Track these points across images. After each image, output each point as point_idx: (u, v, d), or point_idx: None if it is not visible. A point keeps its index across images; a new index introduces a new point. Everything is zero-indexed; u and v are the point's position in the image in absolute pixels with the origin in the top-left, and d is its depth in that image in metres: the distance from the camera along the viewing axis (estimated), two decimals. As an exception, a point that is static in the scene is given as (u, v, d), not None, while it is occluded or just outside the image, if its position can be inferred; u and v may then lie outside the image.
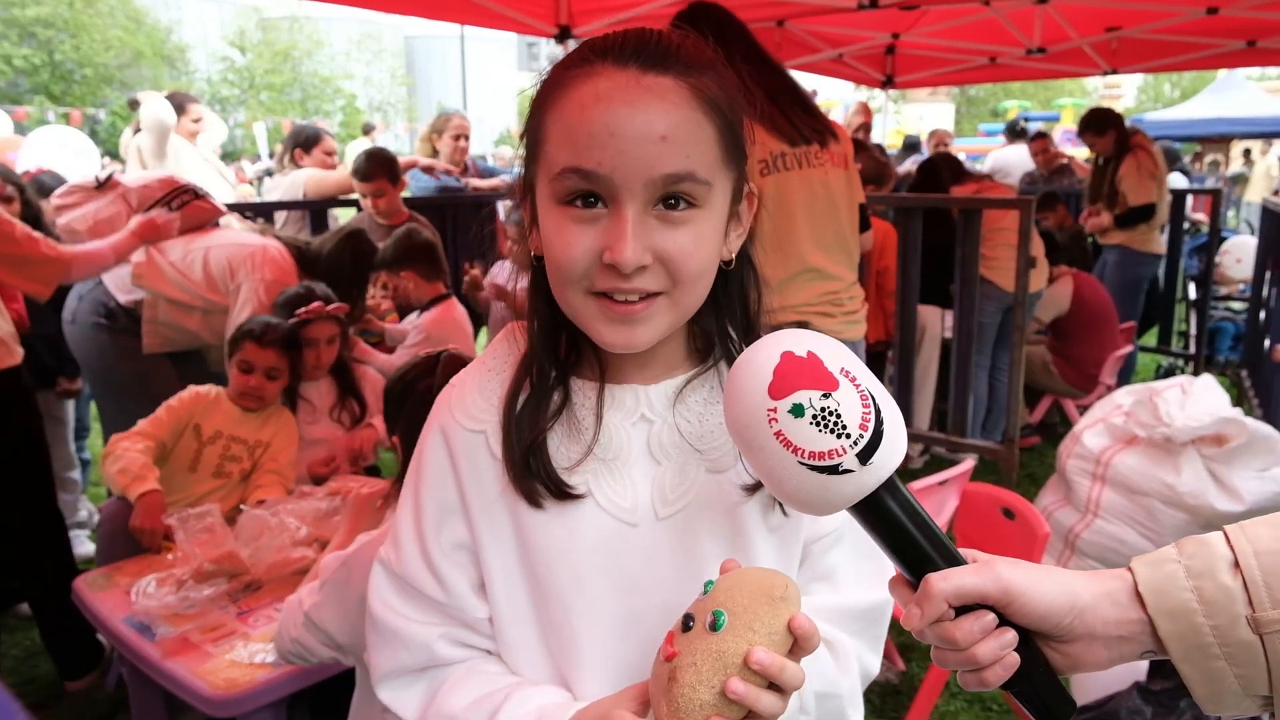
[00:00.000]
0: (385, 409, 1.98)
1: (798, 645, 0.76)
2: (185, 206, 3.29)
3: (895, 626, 0.84)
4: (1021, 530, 2.45)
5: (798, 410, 0.71)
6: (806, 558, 0.97)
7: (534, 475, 0.87)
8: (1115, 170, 5.57)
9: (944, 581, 0.72)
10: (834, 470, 0.71)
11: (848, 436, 0.71)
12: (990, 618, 0.73)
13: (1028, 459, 4.89)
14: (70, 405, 3.88)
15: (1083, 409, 4.83)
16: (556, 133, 0.80)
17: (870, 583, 0.96)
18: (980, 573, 0.72)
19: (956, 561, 0.75)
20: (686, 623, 0.77)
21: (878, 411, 0.72)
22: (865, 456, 0.71)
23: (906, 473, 4.77)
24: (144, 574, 2.27)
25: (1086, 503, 3.37)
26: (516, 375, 0.91)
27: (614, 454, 0.89)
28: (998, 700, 2.84)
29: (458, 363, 1.89)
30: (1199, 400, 3.23)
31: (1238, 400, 5.32)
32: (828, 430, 0.71)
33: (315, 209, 4.65)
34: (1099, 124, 5.63)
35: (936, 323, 4.74)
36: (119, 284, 3.19)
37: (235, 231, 3.47)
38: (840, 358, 0.74)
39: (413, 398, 1.83)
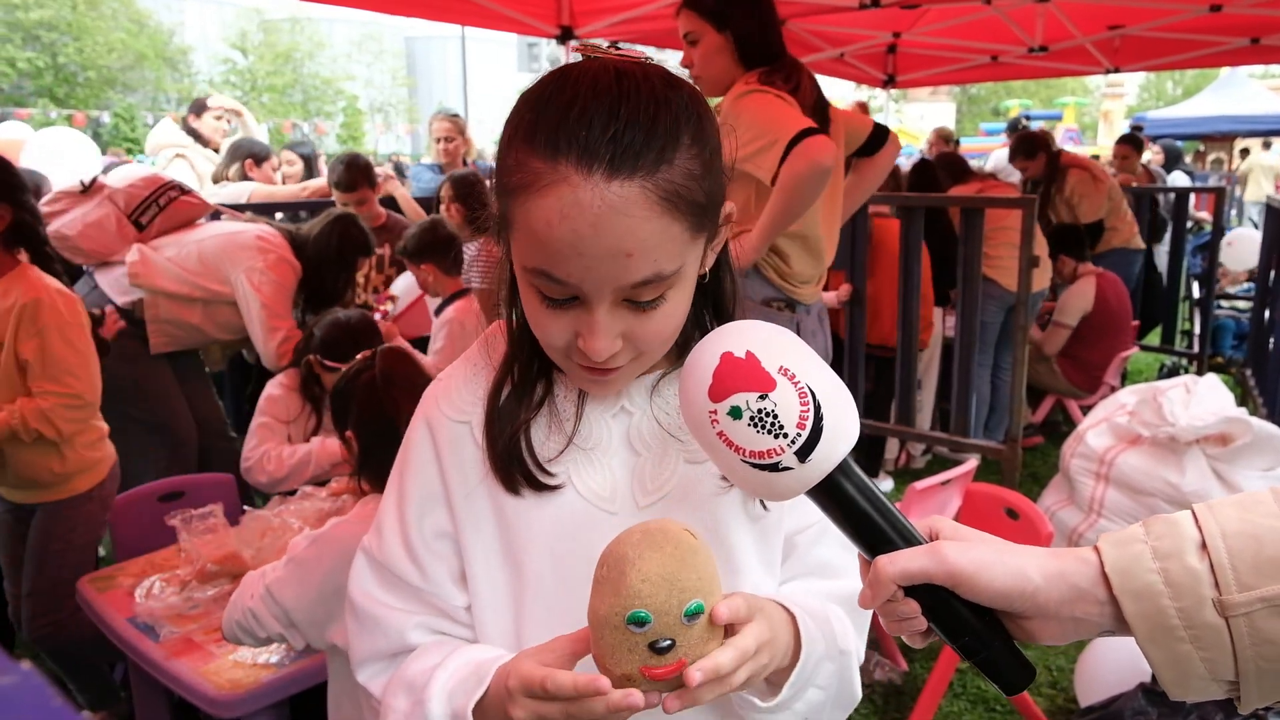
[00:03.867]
0: (334, 410, 1.97)
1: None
2: (172, 203, 3.30)
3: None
4: (1025, 530, 2.45)
5: (736, 412, 0.74)
6: (793, 549, 0.99)
7: (514, 464, 0.90)
8: (1058, 191, 5.65)
9: (891, 565, 0.74)
10: (775, 468, 0.74)
11: (785, 436, 0.73)
12: (915, 620, 0.76)
13: (1030, 459, 4.89)
14: None
15: (1086, 409, 4.82)
16: (525, 232, 0.79)
17: (858, 571, 0.97)
18: (926, 556, 0.74)
19: (913, 541, 0.77)
20: (658, 645, 0.73)
21: (816, 408, 0.74)
22: (804, 454, 0.73)
23: (909, 472, 4.78)
24: (148, 575, 2.28)
25: (1090, 502, 3.36)
26: (501, 369, 0.94)
27: (593, 443, 0.92)
28: (1001, 701, 2.84)
29: (396, 354, 1.93)
30: (1203, 399, 3.22)
31: (1242, 399, 5.32)
32: (765, 431, 0.73)
33: (312, 210, 4.65)
34: (1029, 148, 5.66)
35: (936, 323, 4.73)
36: (116, 286, 3.19)
37: (224, 224, 3.47)
38: (780, 354, 0.75)
39: (357, 393, 1.86)
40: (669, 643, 0.72)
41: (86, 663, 2.64)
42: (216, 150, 5.08)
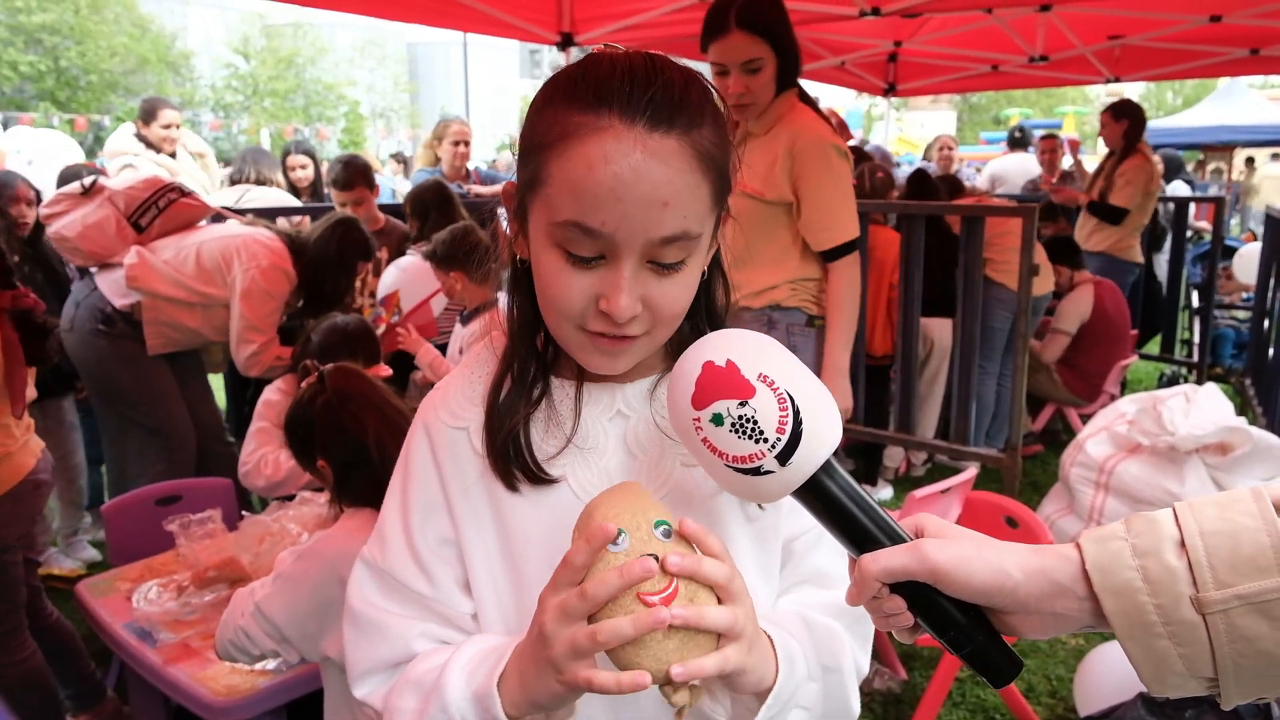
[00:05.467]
0: (293, 443, 1.92)
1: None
2: (172, 205, 3.31)
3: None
4: (1024, 539, 2.44)
5: (718, 419, 0.76)
6: (790, 556, 1.00)
7: (513, 459, 0.91)
8: (1115, 165, 5.56)
9: (873, 564, 0.76)
10: (757, 472, 0.76)
11: (765, 441, 0.75)
12: (901, 616, 0.78)
13: (1030, 467, 4.88)
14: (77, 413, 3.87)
15: (1085, 417, 4.82)
16: (561, 182, 0.81)
17: None
18: (908, 554, 0.75)
19: (898, 538, 0.78)
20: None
21: (795, 414, 0.76)
22: (784, 458, 0.76)
23: (909, 480, 4.77)
24: (146, 579, 2.27)
25: (1090, 511, 3.36)
26: (498, 372, 0.95)
27: (591, 444, 0.93)
28: (1001, 710, 2.83)
29: (344, 373, 1.89)
30: (1203, 409, 3.22)
31: (1241, 409, 5.31)
32: (746, 436, 0.76)
33: (315, 214, 4.65)
34: (1118, 110, 5.57)
35: (946, 335, 4.68)
36: (114, 289, 3.19)
37: (224, 225, 3.47)
38: (760, 362, 0.77)
39: (318, 419, 1.84)
40: (653, 557, 0.75)
41: (72, 663, 2.61)
42: (173, 156, 5.10)
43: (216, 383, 3.87)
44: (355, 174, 4.12)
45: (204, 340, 3.35)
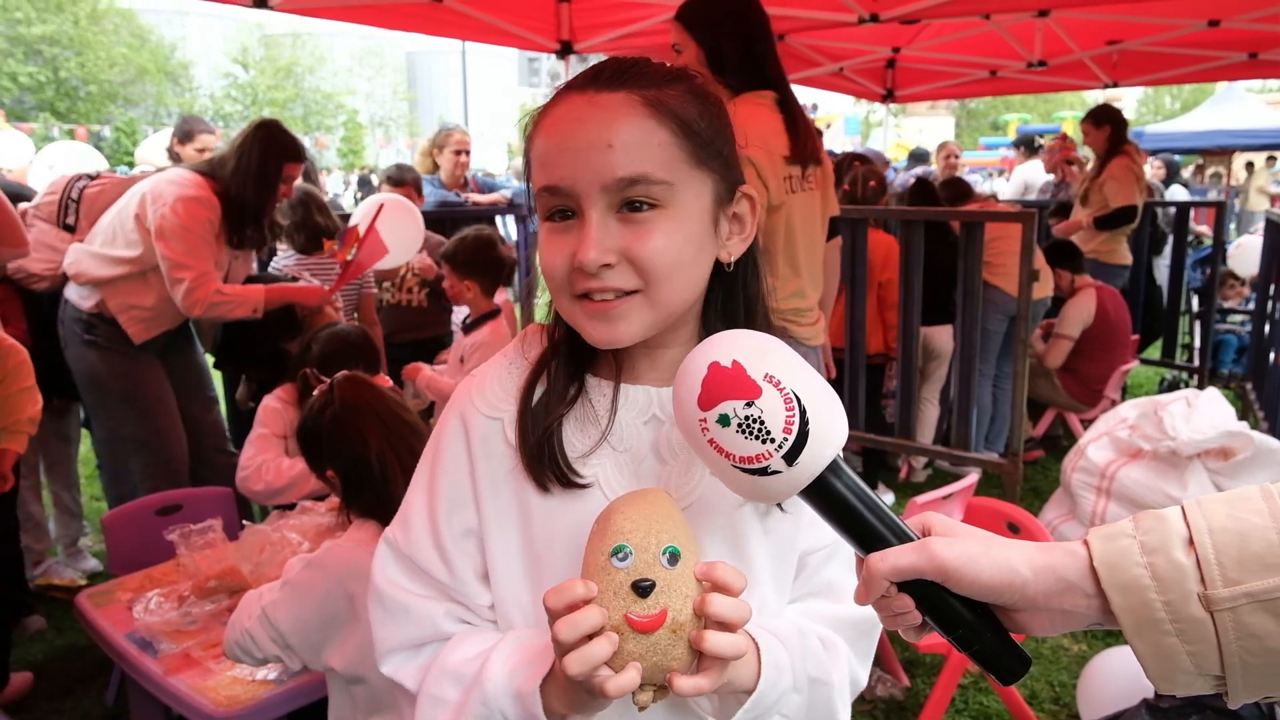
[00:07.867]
0: (306, 451, 1.94)
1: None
2: (84, 192, 3.33)
3: (900, 642, 0.83)
4: (1027, 544, 2.44)
5: (724, 420, 0.76)
6: (803, 569, 1.00)
7: (545, 461, 0.91)
8: (1100, 170, 5.56)
9: (882, 562, 0.76)
10: (764, 472, 0.76)
11: (772, 441, 0.75)
12: (909, 615, 0.78)
13: (1031, 472, 4.88)
14: (76, 424, 3.86)
15: (1086, 422, 4.82)
16: (534, 160, 0.89)
17: None
18: (916, 552, 0.75)
19: (906, 537, 0.78)
20: (640, 585, 0.77)
21: (802, 413, 0.76)
22: (791, 458, 0.76)
23: (910, 486, 4.76)
24: (146, 589, 2.27)
25: (1091, 516, 3.35)
26: (535, 368, 0.96)
27: (625, 446, 0.93)
28: (1004, 716, 2.83)
29: (353, 383, 1.89)
30: (1204, 413, 3.22)
31: (1243, 413, 5.31)
32: (753, 437, 0.76)
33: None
34: (1099, 117, 5.60)
35: (948, 343, 4.68)
36: (77, 295, 3.20)
37: (136, 185, 3.29)
38: (766, 362, 0.77)
39: (326, 430, 1.84)
40: (649, 583, 0.77)
41: None
42: None
43: (216, 386, 3.85)
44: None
45: (176, 310, 3.22)
